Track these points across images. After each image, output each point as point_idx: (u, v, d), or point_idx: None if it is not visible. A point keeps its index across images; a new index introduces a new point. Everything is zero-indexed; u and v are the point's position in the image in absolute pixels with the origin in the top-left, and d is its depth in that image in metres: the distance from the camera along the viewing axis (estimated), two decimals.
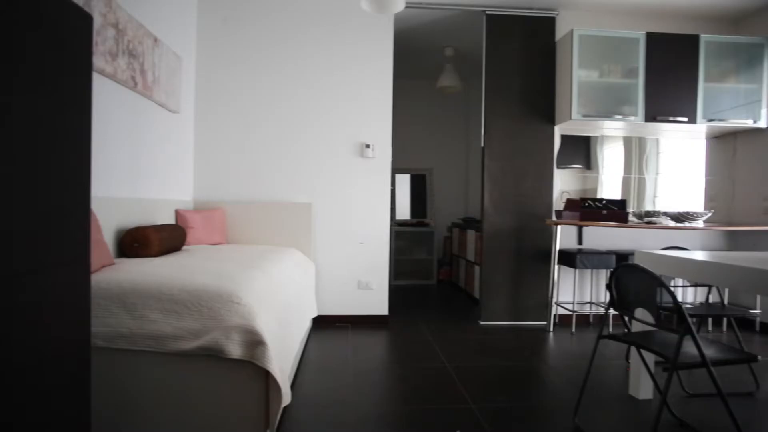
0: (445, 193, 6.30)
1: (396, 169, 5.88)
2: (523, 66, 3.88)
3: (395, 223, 5.87)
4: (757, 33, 3.89)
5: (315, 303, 3.39)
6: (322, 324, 3.63)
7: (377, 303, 3.76)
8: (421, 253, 5.96)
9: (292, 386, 2.36)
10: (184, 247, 2.89)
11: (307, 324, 2.90)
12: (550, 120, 3.90)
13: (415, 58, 5.27)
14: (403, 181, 6.16)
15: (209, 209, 3.49)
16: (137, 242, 2.36)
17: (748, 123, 3.77)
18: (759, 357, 1.80)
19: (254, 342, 1.67)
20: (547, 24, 3.90)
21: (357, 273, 3.74)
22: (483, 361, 2.89)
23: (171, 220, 3.13)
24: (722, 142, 4.18)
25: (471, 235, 4.90)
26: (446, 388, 2.43)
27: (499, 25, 3.84)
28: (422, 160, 6.23)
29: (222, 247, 3.12)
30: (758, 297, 3.81)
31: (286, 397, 1.75)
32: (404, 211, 6.10)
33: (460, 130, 6.37)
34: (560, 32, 3.88)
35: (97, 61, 2.14)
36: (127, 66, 2.42)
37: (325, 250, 3.72)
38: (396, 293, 5.11)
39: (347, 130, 3.73)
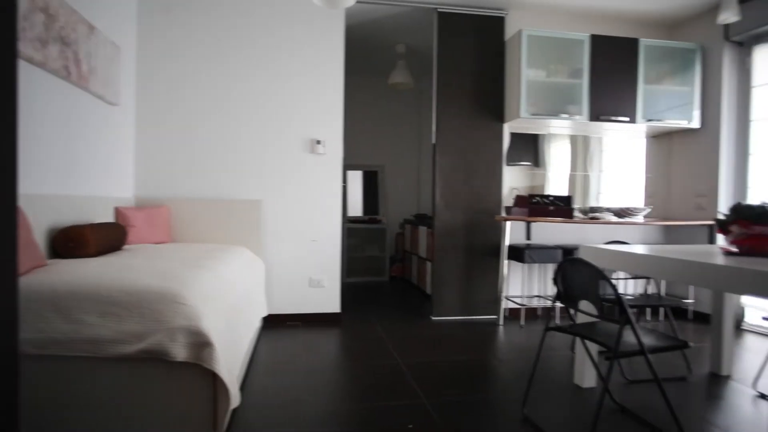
0: (398, 190, 6.32)
1: (348, 166, 5.85)
2: (474, 64, 3.93)
3: (347, 220, 5.84)
4: (690, 39, 4.12)
5: (265, 302, 3.31)
6: (273, 323, 3.56)
7: (329, 301, 3.72)
8: (373, 250, 5.96)
9: (242, 387, 2.30)
10: (125, 247, 2.75)
11: (257, 324, 2.82)
12: (500, 118, 3.98)
13: (367, 54, 5.25)
14: (355, 178, 6.14)
15: (152, 206, 3.34)
16: (72, 242, 2.21)
17: (683, 123, 3.99)
18: (691, 343, 1.91)
19: (200, 343, 1.61)
20: (497, 23, 3.98)
21: (308, 271, 3.69)
22: (435, 356, 2.91)
23: (110, 219, 2.97)
24: (660, 141, 4.41)
25: (423, 231, 4.94)
26: (399, 385, 2.43)
27: (450, 22, 3.88)
28: (374, 157, 6.23)
29: (166, 246, 2.99)
30: (691, 287, 4.06)
31: (235, 399, 1.70)
32: (356, 208, 6.08)
33: (412, 127, 6.41)
34: (509, 32, 3.97)
35: (25, 48, 1.98)
36: (59, 54, 2.26)
37: (276, 248, 3.64)
38: (348, 290, 5.09)
39: (298, 125, 3.66)
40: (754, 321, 3.72)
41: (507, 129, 4.03)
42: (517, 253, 3.70)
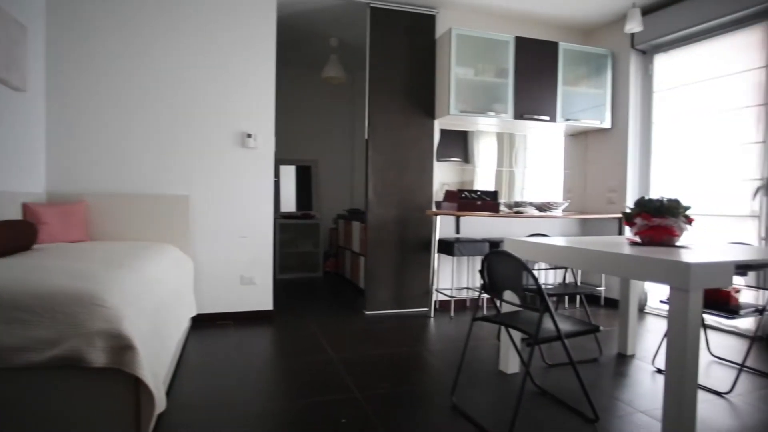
0: (331, 185, 6.30)
1: (280, 160, 5.75)
2: (406, 61, 4.00)
3: (280, 216, 5.75)
4: (603, 45, 4.43)
5: (194, 301, 3.19)
6: (202, 323, 3.44)
7: (261, 298, 3.65)
8: (307, 246, 5.91)
9: (169, 391, 2.21)
10: (36, 246, 2.54)
11: (185, 324, 2.72)
12: (431, 114, 4.08)
13: (300, 46, 5.17)
14: (288, 173, 6.05)
15: (67, 202, 3.10)
16: None
17: (597, 124, 4.30)
18: (601, 327, 2.08)
19: (122, 347, 1.53)
20: (428, 21, 4.06)
21: (239, 268, 3.60)
22: (368, 350, 2.95)
23: (18, 216, 2.73)
24: (576, 139, 4.71)
25: (356, 226, 4.97)
26: (332, 380, 2.44)
27: (382, 18, 3.91)
28: (308, 152, 6.16)
29: (83, 244, 2.80)
30: (603, 276, 4.39)
31: (161, 404, 1.63)
32: (289, 203, 5.99)
33: (345, 122, 6.41)
34: (440, 30, 4.07)
35: None
36: None
37: (205, 245, 3.52)
38: (281, 287, 5.02)
39: (227, 118, 3.55)
40: (655, 304, 4.10)
41: (437, 125, 4.13)
42: (447, 247, 3.82)
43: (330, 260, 6.01)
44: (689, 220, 2.22)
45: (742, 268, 1.97)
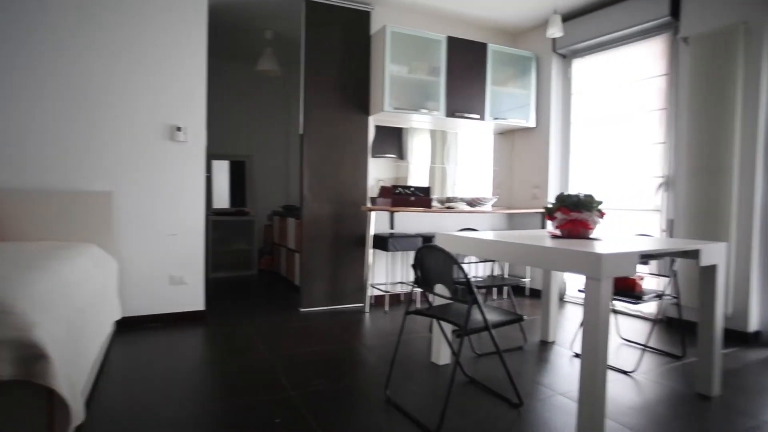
0: (266, 181, 6.18)
1: (213, 155, 5.56)
2: (341, 56, 3.99)
3: (212, 213, 5.56)
4: (528, 48, 4.66)
5: (119, 304, 3.02)
6: (129, 326, 3.27)
7: (192, 298, 3.53)
8: (241, 243, 5.76)
9: (89, 401, 2.09)
10: None
11: (108, 329, 2.57)
12: (366, 111, 4.10)
13: (234, 38, 5.02)
14: (221, 168, 5.86)
15: None
16: None
17: (522, 123, 4.52)
18: (525, 317, 2.20)
19: (33, 357, 1.43)
20: (363, 18, 4.07)
21: (169, 267, 3.45)
22: (304, 348, 2.94)
23: None
24: (504, 137, 4.93)
25: (291, 222, 4.91)
26: (266, 380, 2.42)
27: (318, 13, 3.88)
28: (242, 146, 6.00)
29: None
30: (528, 268, 4.64)
31: (78, 416, 1.54)
32: (223, 200, 5.81)
33: (280, 116, 6.30)
34: (375, 27, 4.09)
35: None
36: None
37: (131, 245, 3.34)
38: (214, 286, 4.87)
39: (154, 110, 3.37)
40: (573, 293, 4.39)
41: (372, 122, 4.17)
42: (382, 242, 3.87)
43: (265, 258, 5.90)
44: (602, 214, 2.40)
45: (645, 258, 2.17)
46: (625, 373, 2.60)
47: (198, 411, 2.07)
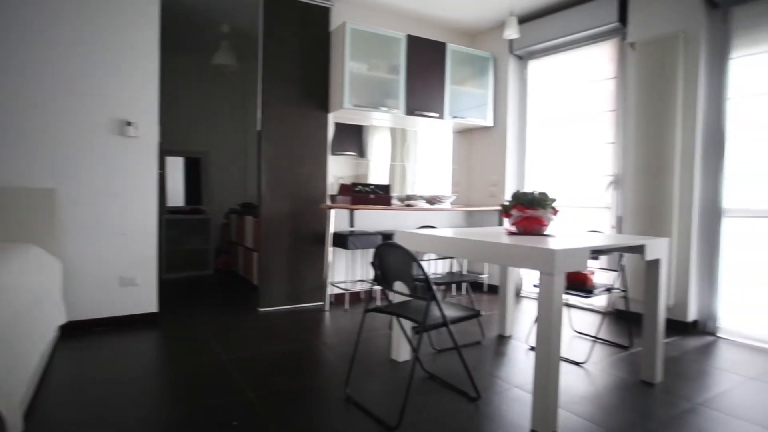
0: (223, 178, 6.04)
1: (167, 151, 5.39)
2: (300, 52, 3.94)
3: (166, 211, 5.39)
4: (485, 48, 4.75)
5: (63, 307, 2.87)
6: (75, 331, 3.12)
7: (144, 300, 3.40)
8: (196, 242, 5.61)
9: (28, 412, 1.98)
10: None
11: (51, 334, 2.44)
12: (325, 108, 4.07)
13: (189, 31, 4.87)
14: (176, 165, 5.68)
15: None
16: None
17: (480, 122, 4.60)
18: (483, 312, 2.25)
19: None
20: (323, 14, 4.03)
21: (119, 268, 3.31)
22: (262, 348, 2.90)
23: None
24: (463, 136, 5.01)
25: (249, 221, 4.82)
26: (223, 382, 2.37)
27: (276, 7, 3.81)
28: (198, 143, 5.84)
29: None
30: (486, 264, 4.74)
31: (14, 429, 1.46)
32: (177, 197, 5.64)
33: (238, 112, 6.17)
34: (334, 23, 4.06)
35: None
36: None
37: (77, 245, 3.18)
38: (168, 287, 4.72)
39: (103, 104, 3.22)
40: (529, 288, 4.52)
41: (332, 119, 4.14)
42: (341, 240, 3.86)
43: (222, 257, 5.77)
44: (555, 212, 2.48)
45: (595, 253, 2.26)
46: (577, 364, 2.70)
47: (149, 417, 2.01)
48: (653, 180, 3.44)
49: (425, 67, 4.20)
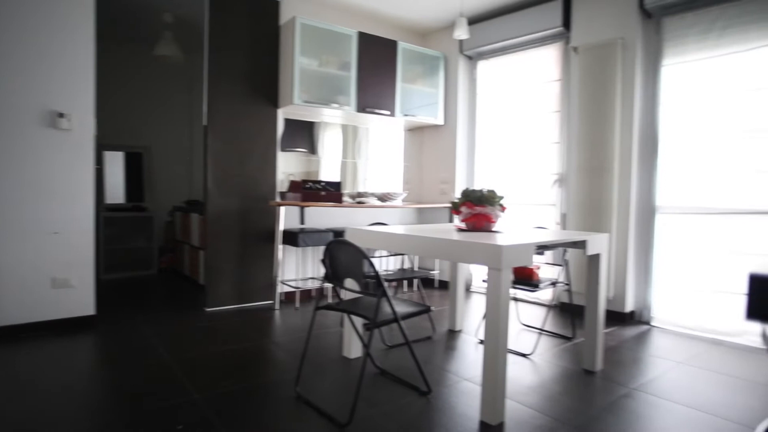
0: (167, 174, 5.80)
1: (105, 146, 5.12)
2: (249, 45, 3.84)
3: (105, 208, 5.12)
4: (436, 48, 4.81)
5: None
6: (2, 337, 2.90)
7: (80, 302, 3.21)
8: (138, 241, 5.35)
9: None
10: None
11: None
12: (274, 103, 3.99)
13: (129, 19, 4.64)
14: (115, 160, 5.40)
15: None
16: None
17: (431, 120, 4.66)
18: (433, 308, 2.28)
19: None
20: (272, 7, 3.95)
21: (51, 269, 3.10)
22: (209, 349, 2.81)
23: None
24: (414, 134, 5.05)
25: (195, 218, 4.66)
26: (168, 385, 2.27)
27: None
28: (139, 137, 5.57)
29: None
30: (437, 260, 4.81)
31: None
32: (117, 194, 5.36)
33: (182, 106, 5.93)
34: (284, 17, 3.98)
35: None
36: None
37: (4, 244, 2.95)
38: (108, 288, 4.49)
39: (31, 93, 3.00)
40: (479, 283, 4.63)
41: (281, 114, 4.06)
42: (292, 238, 3.80)
43: (166, 256, 5.54)
44: (503, 208, 2.54)
45: (541, 248, 2.33)
46: (524, 355, 2.79)
47: (85, 425, 1.89)
48: (594, 178, 3.60)
49: (377, 65, 4.20)
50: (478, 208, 2.49)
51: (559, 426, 1.94)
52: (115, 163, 5.39)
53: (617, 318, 3.53)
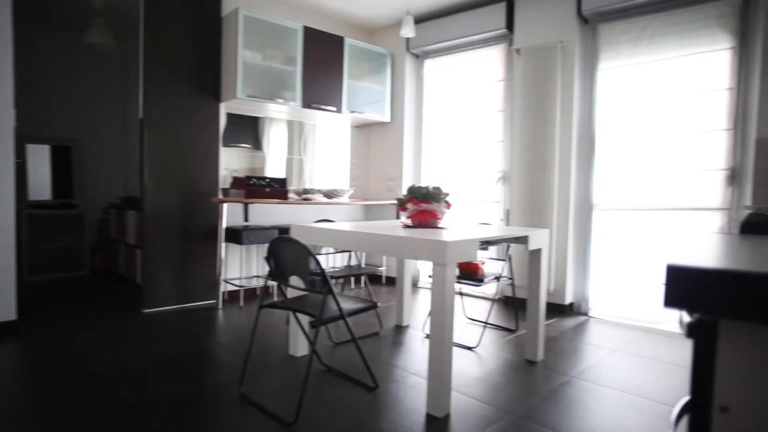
0: (100, 169, 5.48)
1: (27, 138, 4.75)
2: (189, 36, 3.67)
3: (29, 205, 4.75)
4: (384, 45, 4.81)
5: None
6: None
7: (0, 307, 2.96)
8: (68, 240, 5.01)
9: None
10: None
11: None
12: (217, 97, 3.85)
13: (56, 4, 4.32)
14: (40, 154, 5.02)
15: None
16: None
17: (378, 117, 4.66)
18: (379, 303, 2.28)
19: None
20: None
21: None
22: (147, 352, 2.67)
23: None
24: (361, 131, 5.04)
25: (132, 215, 4.42)
26: (101, 392, 2.14)
27: None
28: (68, 130, 5.22)
29: None
30: (384, 257, 4.82)
31: None
32: (42, 191, 5.00)
33: (117, 98, 5.62)
34: (226, 8, 3.85)
35: None
36: None
37: None
38: (32, 291, 4.18)
39: None
40: (425, 279, 4.69)
41: (224, 109, 3.93)
42: (235, 235, 3.69)
43: (99, 255, 5.22)
44: (449, 205, 2.58)
45: (485, 244, 2.39)
46: (469, 348, 2.84)
47: None
48: (536, 176, 3.73)
49: (323, 60, 4.15)
50: (423, 205, 2.52)
51: (502, 415, 2.00)
52: (41, 157, 5.02)
53: (557, 310, 3.68)
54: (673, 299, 0.55)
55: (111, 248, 5.10)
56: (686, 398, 0.58)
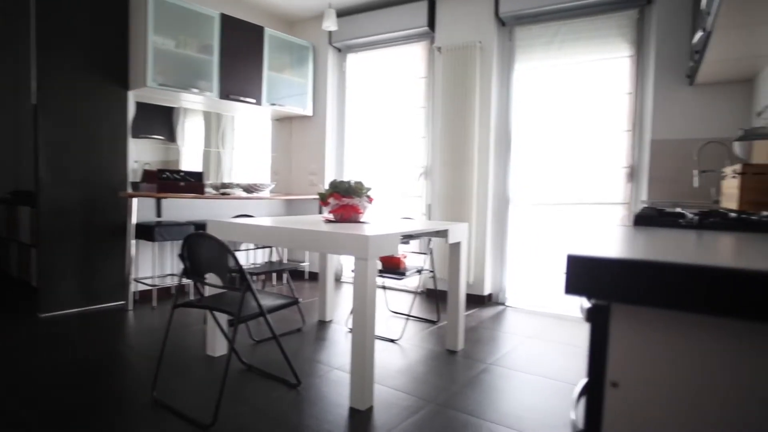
0: None
1: None
2: (91, 16, 3.37)
3: None
4: (305, 37, 4.73)
5: None
6: None
7: None
8: None
9: None
10: None
11: None
12: (124, 84, 3.58)
13: None
14: None
15: None
16: None
17: (300, 110, 4.58)
18: (301, 299, 2.25)
19: None
20: None
21: None
22: (44, 359, 2.43)
23: None
24: (282, 124, 4.92)
25: (25, 211, 4.00)
26: None
27: None
28: None
29: None
30: (306, 252, 4.77)
31: None
32: None
33: (5, 81, 5.04)
34: None
35: None
36: None
37: None
38: None
39: None
40: (349, 274, 4.70)
41: (132, 97, 3.66)
42: (147, 232, 3.46)
43: None
44: (370, 200, 2.59)
45: (406, 238, 2.43)
46: (392, 341, 2.89)
47: None
48: (456, 172, 3.85)
49: (242, 50, 4.00)
50: (345, 200, 2.51)
51: (424, 404, 2.05)
52: None
53: (477, 300, 3.84)
54: (572, 286, 0.59)
55: (1, 247, 4.59)
56: (586, 378, 0.63)
